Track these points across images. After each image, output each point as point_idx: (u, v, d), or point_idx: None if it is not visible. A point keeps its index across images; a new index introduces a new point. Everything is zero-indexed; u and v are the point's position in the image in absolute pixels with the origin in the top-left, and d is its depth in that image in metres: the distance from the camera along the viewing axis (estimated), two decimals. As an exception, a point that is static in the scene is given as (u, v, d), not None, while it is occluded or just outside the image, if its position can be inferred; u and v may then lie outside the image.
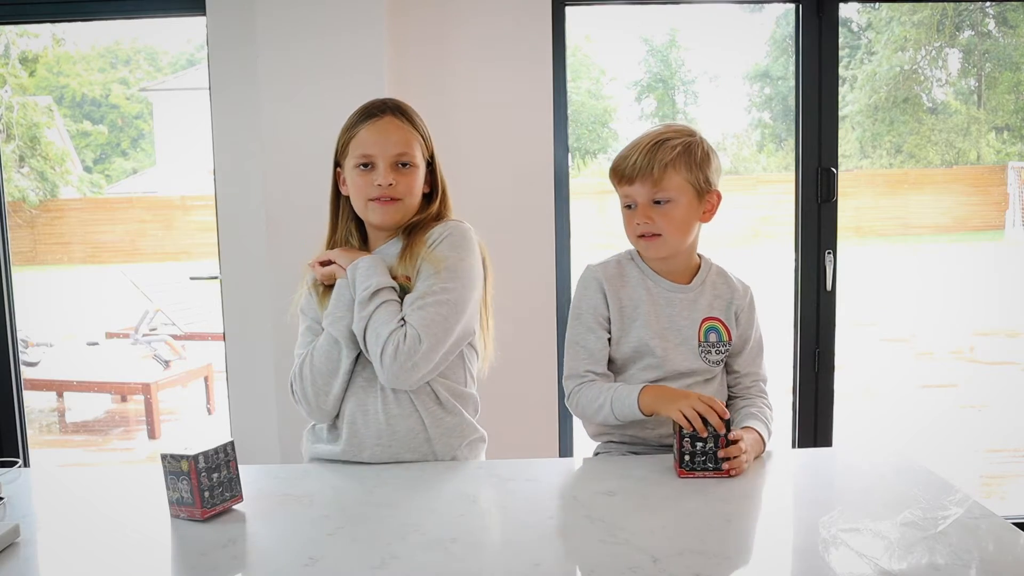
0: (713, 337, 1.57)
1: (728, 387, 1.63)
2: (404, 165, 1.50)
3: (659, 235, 1.51)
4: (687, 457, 1.37)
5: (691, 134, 1.53)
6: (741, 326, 1.59)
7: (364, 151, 1.49)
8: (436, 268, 1.46)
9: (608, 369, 1.58)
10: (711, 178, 1.53)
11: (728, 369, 1.62)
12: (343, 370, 1.48)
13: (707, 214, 1.55)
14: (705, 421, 1.36)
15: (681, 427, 1.37)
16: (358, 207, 1.52)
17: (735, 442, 1.37)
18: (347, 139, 1.52)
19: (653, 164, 1.48)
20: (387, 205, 1.49)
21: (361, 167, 1.49)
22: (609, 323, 1.56)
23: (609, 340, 1.56)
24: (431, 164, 1.57)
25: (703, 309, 1.57)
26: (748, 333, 1.61)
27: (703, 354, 1.56)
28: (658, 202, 1.50)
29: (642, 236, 1.52)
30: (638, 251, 1.58)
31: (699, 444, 1.37)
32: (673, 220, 1.50)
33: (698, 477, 1.37)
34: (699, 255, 1.62)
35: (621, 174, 1.52)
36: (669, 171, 1.48)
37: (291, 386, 1.54)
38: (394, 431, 1.48)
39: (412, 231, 1.53)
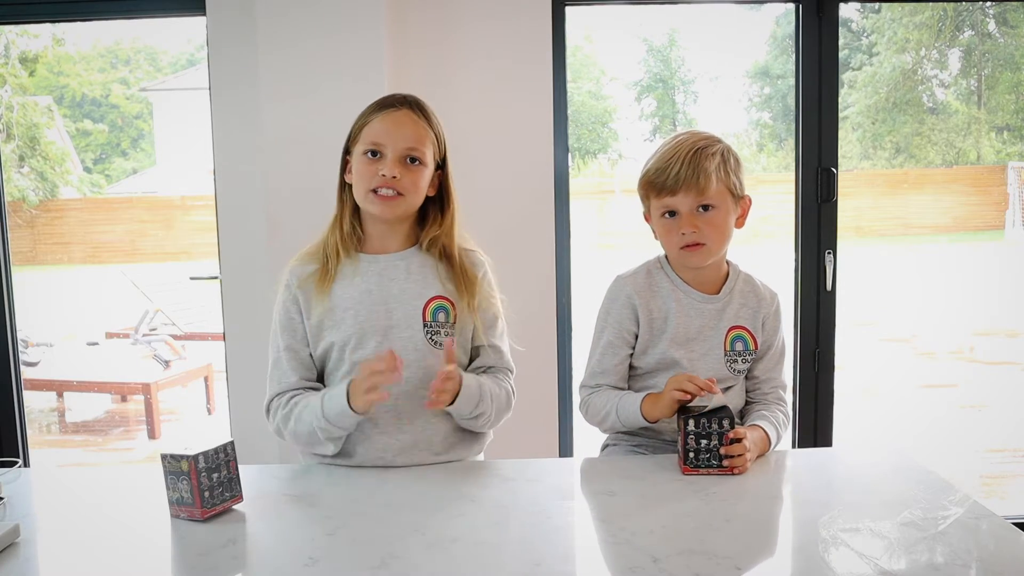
0: (739, 346, 1.57)
1: (747, 392, 1.63)
2: (413, 161, 1.47)
3: (704, 244, 1.50)
4: (691, 454, 1.38)
5: (719, 140, 1.52)
6: (766, 333, 1.59)
7: (374, 139, 1.46)
8: (497, 315, 1.57)
9: (635, 377, 1.59)
10: (744, 182, 1.54)
11: (748, 375, 1.62)
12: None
13: (740, 219, 1.55)
14: (707, 417, 1.37)
15: (685, 425, 1.38)
16: (359, 195, 1.48)
17: (738, 440, 1.38)
18: (360, 126, 1.50)
19: (698, 173, 1.47)
20: (388, 200, 1.46)
21: (369, 155, 1.46)
22: (635, 338, 1.57)
23: (632, 353, 1.58)
24: (441, 168, 1.53)
25: (730, 318, 1.57)
26: (772, 340, 1.61)
27: (729, 363, 1.57)
28: (705, 208, 1.49)
29: (686, 247, 1.51)
30: (679, 262, 1.56)
31: (703, 441, 1.38)
32: (718, 227, 1.50)
33: (702, 474, 1.38)
34: (727, 262, 1.61)
35: (662, 186, 1.49)
36: (712, 178, 1.47)
37: (271, 417, 1.51)
38: (407, 454, 1.49)
39: (441, 249, 1.52)
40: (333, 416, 1.41)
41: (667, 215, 1.52)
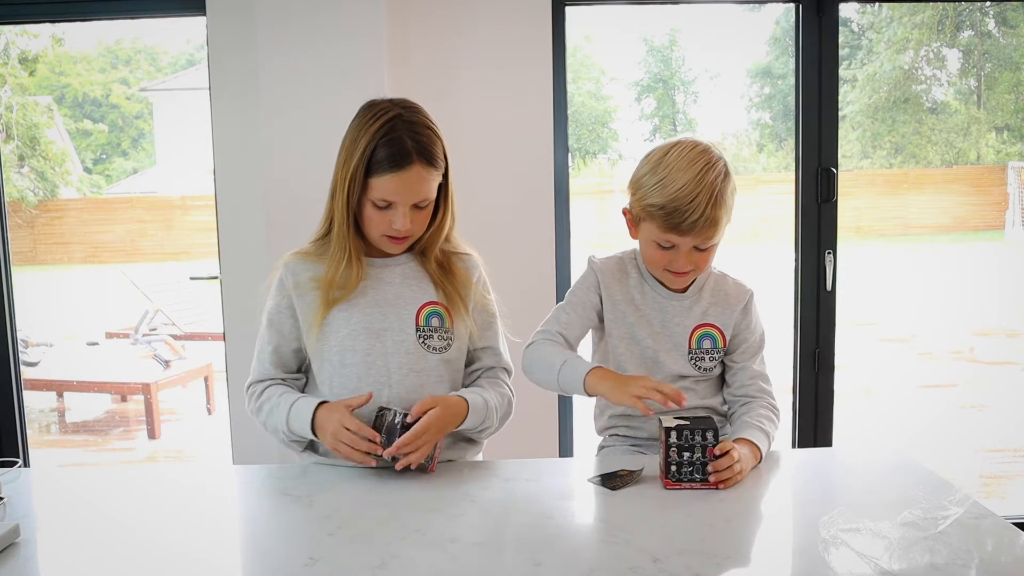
0: (707, 343, 1.57)
1: (727, 385, 1.61)
2: (421, 204, 1.47)
3: (692, 271, 1.51)
4: (673, 468, 1.34)
5: (727, 172, 1.48)
6: (735, 327, 1.58)
7: (385, 197, 1.44)
8: (493, 316, 1.59)
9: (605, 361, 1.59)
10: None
11: (725, 367, 1.61)
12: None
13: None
14: (690, 430, 1.34)
15: (667, 437, 1.34)
16: (372, 236, 1.50)
17: (725, 453, 1.34)
18: (367, 176, 1.43)
19: (710, 222, 1.44)
20: (400, 242, 1.49)
21: (377, 206, 1.45)
22: (598, 312, 1.58)
23: (598, 326, 1.59)
24: (444, 176, 1.51)
25: (697, 316, 1.57)
26: (744, 334, 1.59)
27: (693, 361, 1.56)
28: (702, 248, 1.49)
29: (673, 272, 1.51)
30: (661, 279, 1.56)
31: (686, 454, 1.33)
32: (708, 260, 1.52)
33: (684, 489, 1.33)
34: None
35: (672, 226, 1.45)
36: (721, 226, 1.47)
37: (248, 399, 1.55)
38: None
39: (429, 252, 1.54)
40: (296, 428, 1.47)
41: (667, 247, 1.49)
